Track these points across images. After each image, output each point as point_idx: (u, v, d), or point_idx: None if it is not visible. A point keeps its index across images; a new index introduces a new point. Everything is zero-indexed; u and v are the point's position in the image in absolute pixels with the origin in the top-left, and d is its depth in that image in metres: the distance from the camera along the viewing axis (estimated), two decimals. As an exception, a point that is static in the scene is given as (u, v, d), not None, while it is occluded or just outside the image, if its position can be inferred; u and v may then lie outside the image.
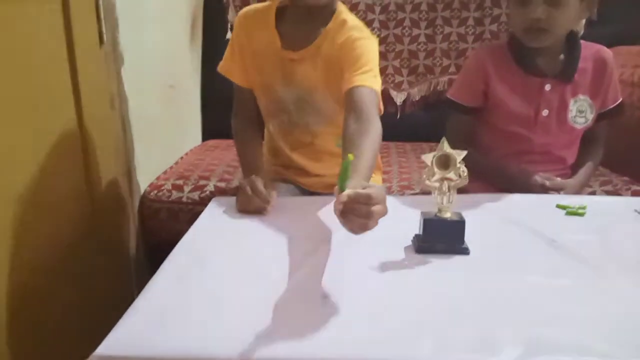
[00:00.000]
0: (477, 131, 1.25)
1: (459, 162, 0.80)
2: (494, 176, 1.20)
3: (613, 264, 0.77)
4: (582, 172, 1.19)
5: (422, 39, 1.86)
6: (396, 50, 1.87)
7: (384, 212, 0.69)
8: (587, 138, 1.22)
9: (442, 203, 0.82)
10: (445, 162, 0.80)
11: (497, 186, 1.16)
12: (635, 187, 1.31)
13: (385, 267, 0.78)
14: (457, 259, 0.80)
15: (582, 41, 1.18)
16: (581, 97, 1.17)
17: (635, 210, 0.96)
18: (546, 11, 1.07)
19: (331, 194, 0.73)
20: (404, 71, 1.88)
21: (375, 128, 0.95)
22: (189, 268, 0.77)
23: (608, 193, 1.29)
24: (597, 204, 1.00)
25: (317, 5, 1.08)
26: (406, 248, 0.83)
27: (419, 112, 1.88)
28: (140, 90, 1.33)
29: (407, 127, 1.84)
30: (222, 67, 1.19)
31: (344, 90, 1.04)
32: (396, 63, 1.87)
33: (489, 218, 0.95)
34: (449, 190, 0.81)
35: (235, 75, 1.18)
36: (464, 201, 1.01)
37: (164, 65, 1.54)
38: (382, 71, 1.71)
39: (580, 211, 0.96)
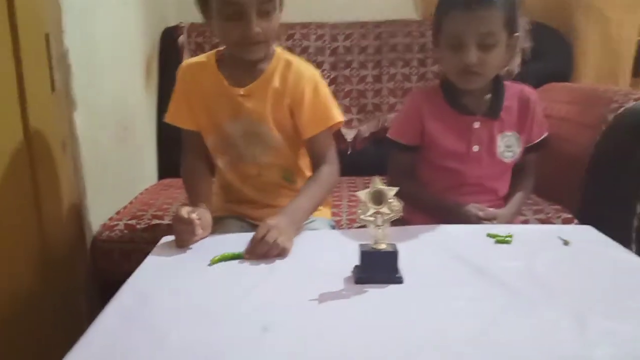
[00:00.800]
0: (417, 167, 1.33)
1: (391, 198, 0.87)
2: (432, 209, 1.27)
3: (536, 289, 0.84)
4: (513, 202, 1.27)
5: (369, 79, 1.97)
6: (345, 89, 1.96)
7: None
8: (518, 170, 1.31)
9: (378, 235, 0.88)
10: (378, 198, 0.87)
11: (436, 218, 1.22)
12: (565, 215, 1.40)
13: (324, 297, 0.82)
14: (392, 288, 0.86)
15: (506, 82, 1.28)
16: (508, 133, 1.25)
17: (559, 237, 1.04)
18: (478, 56, 1.14)
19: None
20: (354, 109, 1.97)
21: (324, 173, 1.21)
22: (134, 308, 0.80)
23: (540, 221, 1.38)
24: (524, 232, 1.08)
25: (257, 58, 1.18)
26: (346, 279, 0.88)
27: (369, 147, 1.95)
28: (93, 132, 1.37)
29: (357, 162, 1.90)
30: (169, 117, 1.27)
31: (304, 138, 1.22)
32: (346, 102, 1.96)
33: (423, 248, 1.01)
34: (382, 223, 0.87)
35: (182, 121, 1.25)
36: (404, 233, 1.09)
37: (119, 107, 1.58)
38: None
39: (507, 239, 1.03)
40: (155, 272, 0.94)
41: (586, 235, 1.07)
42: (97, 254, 1.36)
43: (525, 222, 1.38)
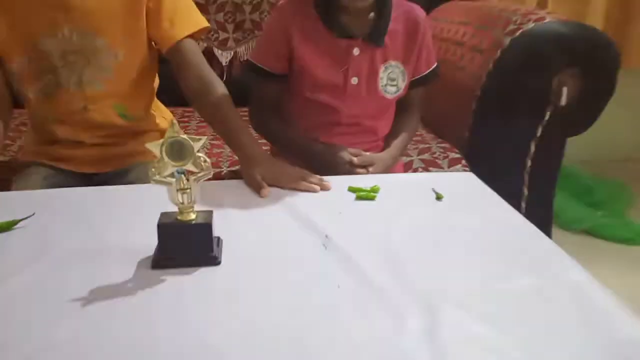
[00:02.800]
0: (284, 99, 1.09)
1: (199, 150, 0.63)
2: (298, 152, 1.05)
3: (385, 268, 0.64)
4: (395, 145, 1.08)
5: (247, -11, 1.65)
6: (218, 2, 1.65)
7: None
8: (401, 107, 1.11)
9: (183, 203, 0.64)
10: (179, 151, 0.62)
11: (304, 163, 1.02)
12: (453, 155, 1.23)
13: (97, 293, 0.59)
14: (203, 272, 0.64)
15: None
16: (392, 63, 1.04)
17: (433, 190, 0.85)
18: None
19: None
20: (229, 27, 1.67)
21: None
22: None
23: (425, 163, 1.21)
24: (394, 183, 0.89)
25: None
26: (141, 262, 0.65)
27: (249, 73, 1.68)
28: None
29: (235, 91, 1.61)
30: None
31: (166, 47, 0.98)
32: (219, 17, 1.66)
33: (259, 211, 0.79)
34: (187, 186, 0.63)
35: None
36: (239, 189, 0.86)
37: None
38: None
39: (371, 194, 0.83)
40: None
41: (464, 187, 0.90)
42: None
43: (410, 164, 1.20)
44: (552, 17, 1.19)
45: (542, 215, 1.23)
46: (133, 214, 0.77)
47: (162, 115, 1.13)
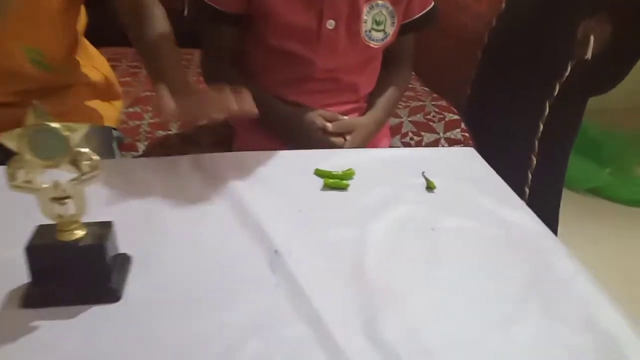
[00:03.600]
0: (247, 49, 0.91)
1: (78, 142, 0.42)
2: (263, 115, 0.85)
3: (353, 292, 0.47)
4: (380, 105, 0.90)
5: None
6: None
7: None
8: (389, 57, 0.93)
9: (62, 217, 0.45)
10: (49, 144, 0.42)
11: (270, 130, 0.86)
12: (450, 116, 1.03)
13: None
14: (94, 313, 0.45)
15: None
16: (379, 2, 0.85)
17: (422, 175, 0.66)
18: None
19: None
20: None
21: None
22: None
23: (416, 126, 1.01)
24: (374, 163, 0.69)
25: None
26: (4, 298, 0.46)
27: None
28: None
29: (197, 27, 1.41)
30: None
31: None
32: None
33: (201, 206, 0.60)
34: (63, 194, 0.43)
35: None
36: (168, 169, 0.66)
37: None
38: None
39: (343, 183, 0.64)
40: None
41: (462, 169, 0.71)
42: None
43: (398, 126, 1.00)
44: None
45: (551, 188, 1.05)
46: (20, 216, 0.57)
47: (93, 63, 0.91)
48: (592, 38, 0.93)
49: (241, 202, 0.60)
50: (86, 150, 0.43)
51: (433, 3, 0.89)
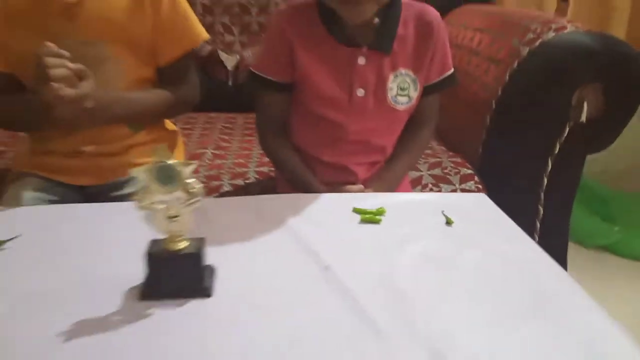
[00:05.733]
0: (291, 113, 1.03)
1: (188, 175, 0.58)
2: (301, 189, 0.97)
3: (390, 309, 0.59)
4: (401, 163, 1.01)
5: (254, -9, 1.61)
6: (224, 3, 1.61)
7: None
8: (412, 116, 1.02)
9: (172, 231, 0.59)
10: (167, 175, 0.58)
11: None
12: (465, 171, 1.18)
13: (84, 324, 0.55)
14: (192, 305, 0.59)
15: (403, 1, 0.96)
16: (402, 71, 0.96)
17: (442, 214, 0.80)
18: None
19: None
20: (235, 29, 1.64)
21: (180, 92, 1.01)
22: None
23: (435, 178, 1.15)
24: (401, 204, 0.83)
25: None
26: (129, 292, 0.61)
27: (254, 77, 1.64)
28: None
29: (240, 96, 1.60)
30: None
31: (162, 61, 0.98)
32: (225, 19, 1.63)
33: (256, 235, 0.74)
34: (177, 213, 0.59)
35: None
36: (239, 209, 0.81)
37: None
38: (209, 29, 1.44)
39: (376, 218, 0.78)
40: None
41: (477, 210, 0.84)
42: None
43: (419, 179, 1.15)
44: (574, 26, 1.13)
45: (558, 235, 1.17)
46: (125, 235, 0.72)
47: (166, 125, 1.09)
48: (585, 104, 1.08)
49: (294, 231, 0.75)
50: (193, 180, 0.59)
51: (452, 69, 0.99)
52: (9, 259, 0.67)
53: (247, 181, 1.15)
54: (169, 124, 1.10)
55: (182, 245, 0.60)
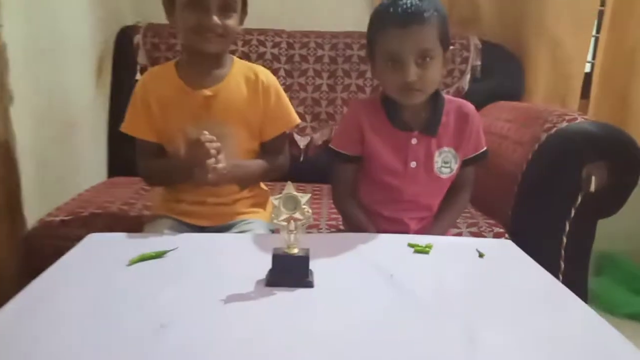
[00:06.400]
0: (359, 180, 1.31)
1: (304, 204, 0.89)
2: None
3: (441, 299, 0.86)
4: (445, 219, 1.28)
5: (324, 88, 1.99)
6: (300, 97, 1.99)
7: None
8: (454, 184, 1.30)
9: (290, 240, 0.89)
10: (291, 203, 0.88)
11: None
12: (497, 230, 1.44)
13: (231, 298, 0.83)
14: (301, 291, 0.87)
15: (447, 97, 1.27)
16: (445, 149, 1.24)
17: (476, 250, 1.07)
18: (417, 73, 1.13)
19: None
20: (308, 117, 1.99)
21: (278, 159, 1.35)
22: (38, 301, 0.81)
23: (473, 234, 1.42)
24: (444, 243, 1.11)
25: (212, 52, 1.21)
26: (258, 281, 0.90)
27: (320, 155, 1.96)
28: (32, 128, 1.36)
29: (309, 169, 1.93)
30: (126, 127, 1.29)
31: (266, 137, 1.31)
32: (300, 109, 1.98)
33: (341, 255, 1.03)
34: (295, 228, 0.89)
35: (140, 131, 1.27)
36: (325, 239, 1.11)
37: (63, 105, 1.57)
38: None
39: (426, 249, 1.06)
40: (67, 270, 0.95)
41: (503, 250, 1.11)
42: (30, 250, 1.35)
43: (459, 234, 1.42)
44: (583, 118, 1.43)
45: (577, 288, 1.39)
46: (244, 252, 1.03)
47: (261, 185, 1.42)
48: (593, 178, 1.35)
49: (367, 254, 1.03)
50: (307, 207, 0.89)
51: (485, 147, 1.27)
52: (175, 262, 0.98)
53: (320, 231, 1.44)
54: (262, 185, 1.43)
55: (295, 250, 0.90)
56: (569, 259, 1.40)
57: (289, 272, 0.89)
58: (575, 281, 1.40)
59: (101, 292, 0.85)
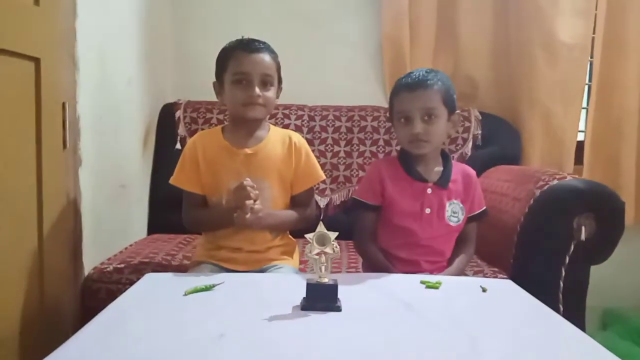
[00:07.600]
0: (377, 224, 1.51)
1: (333, 240, 1.08)
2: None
3: (450, 323, 1.02)
4: (455, 265, 1.46)
5: (342, 154, 2.23)
6: (320, 163, 2.17)
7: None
8: (461, 237, 1.50)
9: (321, 271, 1.08)
10: (322, 240, 1.08)
11: None
12: (501, 276, 1.60)
13: (272, 318, 1.02)
14: (331, 315, 1.05)
15: (453, 161, 1.51)
16: (454, 201, 1.46)
17: (480, 286, 1.24)
18: (423, 127, 1.39)
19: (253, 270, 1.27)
20: (327, 180, 2.21)
21: (306, 211, 1.54)
22: (112, 323, 0.99)
23: (478, 280, 1.58)
24: (452, 281, 1.28)
25: (256, 118, 1.46)
26: (295, 307, 1.08)
27: (339, 214, 2.17)
28: (94, 187, 1.59)
29: (328, 226, 2.07)
30: (175, 180, 1.50)
31: (296, 191, 1.52)
32: (320, 174, 2.20)
33: (364, 288, 1.21)
34: (325, 261, 1.07)
35: (188, 184, 1.49)
36: (350, 277, 1.29)
37: (118, 168, 1.82)
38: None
39: (436, 285, 1.23)
40: (135, 298, 1.13)
41: (504, 287, 1.28)
42: (87, 292, 1.53)
43: (466, 280, 1.58)
44: (571, 177, 1.63)
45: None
46: (280, 285, 1.22)
47: (288, 236, 1.61)
48: (583, 228, 1.53)
49: (388, 289, 1.20)
50: (335, 242, 1.08)
51: (485, 207, 1.50)
52: (223, 293, 1.16)
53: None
54: (290, 236, 1.62)
55: (326, 280, 1.08)
56: (567, 303, 1.55)
57: (321, 298, 1.07)
58: (574, 324, 1.54)
59: (164, 314, 1.04)
